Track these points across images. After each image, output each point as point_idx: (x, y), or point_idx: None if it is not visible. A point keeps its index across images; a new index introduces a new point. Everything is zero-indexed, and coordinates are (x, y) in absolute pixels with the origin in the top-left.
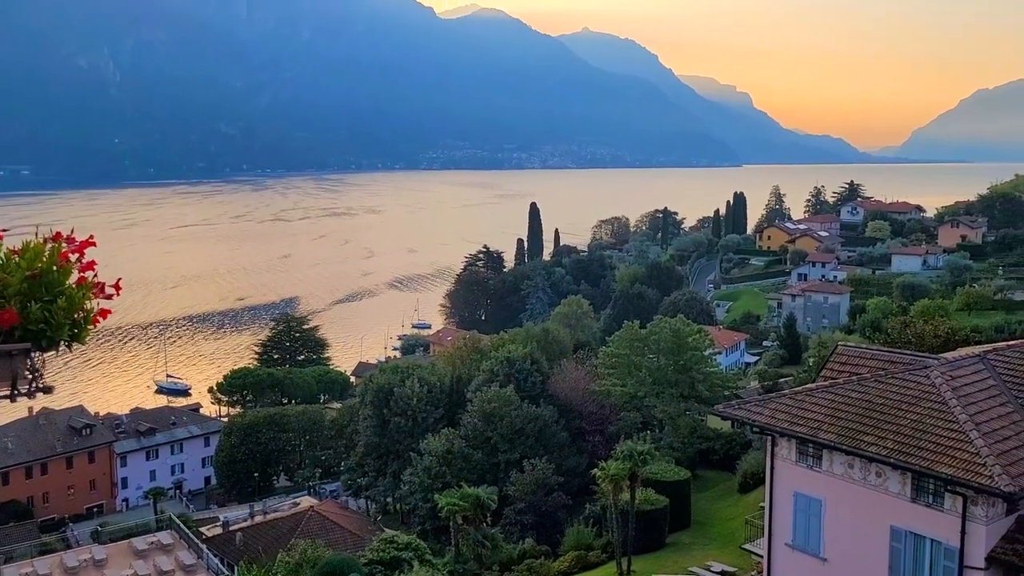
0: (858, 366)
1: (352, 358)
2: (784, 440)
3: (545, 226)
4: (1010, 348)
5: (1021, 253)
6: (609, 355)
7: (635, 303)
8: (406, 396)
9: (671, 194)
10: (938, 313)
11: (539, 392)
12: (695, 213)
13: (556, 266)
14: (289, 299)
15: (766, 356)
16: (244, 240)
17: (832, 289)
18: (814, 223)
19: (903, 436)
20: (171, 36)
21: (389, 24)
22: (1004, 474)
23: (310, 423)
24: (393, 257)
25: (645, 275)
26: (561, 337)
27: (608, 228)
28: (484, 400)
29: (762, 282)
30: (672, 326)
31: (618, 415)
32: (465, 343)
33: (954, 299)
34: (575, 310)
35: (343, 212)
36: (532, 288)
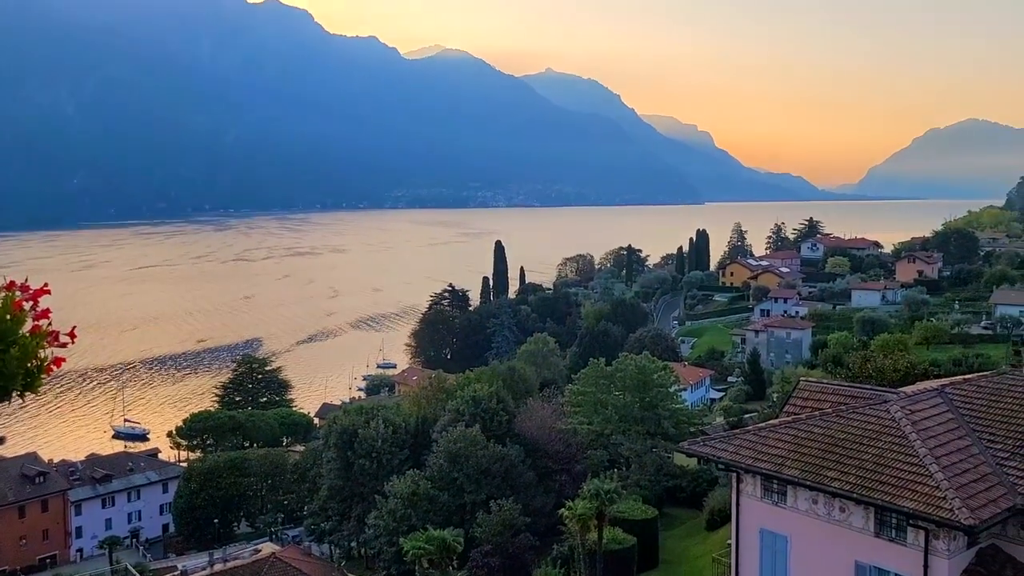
0: (820, 401)
1: (316, 399)
2: (749, 476)
3: (511, 264)
4: (967, 382)
5: (976, 288)
6: (575, 393)
7: (601, 340)
8: (370, 437)
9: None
10: (897, 347)
11: (505, 431)
12: (659, 250)
13: (522, 304)
14: (252, 340)
15: (731, 392)
16: (206, 281)
17: (794, 324)
18: (775, 259)
19: (865, 471)
20: (134, 75)
21: (355, 64)
22: (964, 507)
23: (272, 467)
24: (358, 296)
25: (610, 312)
26: (527, 375)
27: (573, 265)
28: (450, 440)
29: (726, 318)
30: (637, 363)
31: (585, 453)
32: (430, 383)
33: (913, 333)
34: (541, 348)
35: (307, 251)
36: (498, 326)
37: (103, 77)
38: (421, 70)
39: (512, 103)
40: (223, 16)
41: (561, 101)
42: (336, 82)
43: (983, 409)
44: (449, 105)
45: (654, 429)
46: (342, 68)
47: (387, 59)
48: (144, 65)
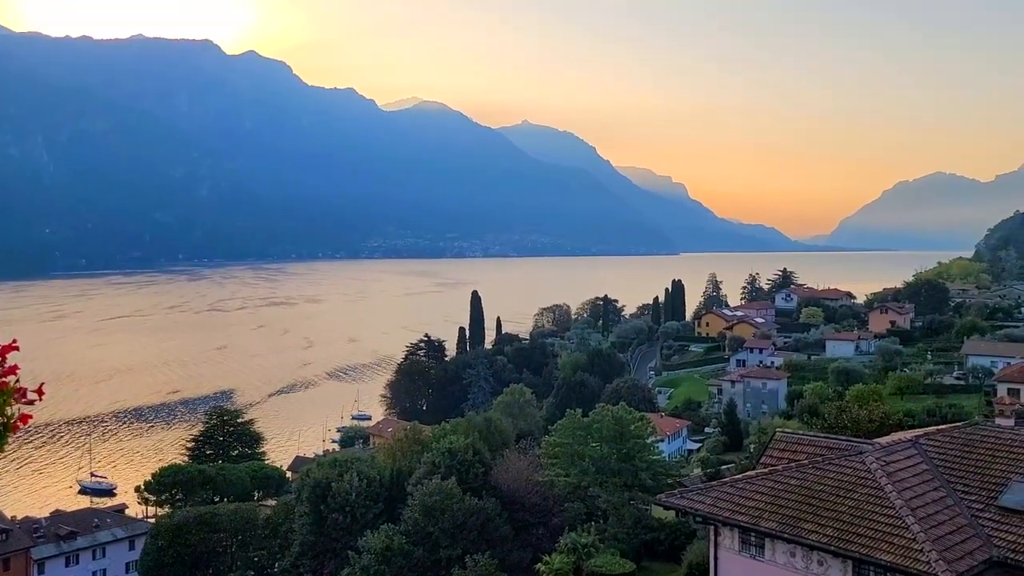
0: (796, 452)
1: (289, 452)
2: (727, 529)
3: (487, 314)
4: (940, 432)
5: (947, 338)
6: (552, 444)
7: (577, 391)
8: (344, 491)
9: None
10: (872, 398)
11: (482, 484)
12: (635, 300)
13: (498, 354)
14: (224, 392)
15: (708, 443)
16: (179, 331)
17: (770, 375)
18: (750, 309)
19: (842, 523)
20: (109, 126)
21: (332, 115)
22: (941, 560)
23: (243, 522)
24: (333, 347)
25: (587, 362)
26: (503, 427)
27: (550, 316)
28: (425, 493)
29: (702, 368)
30: (614, 414)
31: (562, 506)
32: (406, 434)
33: (887, 383)
34: (517, 399)
35: (282, 301)
36: (474, 377)
37: (77, 130)
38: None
39: (489, 154)
40: (201, 69)
41: (537, 153)
42: (313, 133)
43: (957, 460)
44: (426, 156)
45: (632, 481)
46: (319, 119)
47: (364, 110)
48: (119, 118)
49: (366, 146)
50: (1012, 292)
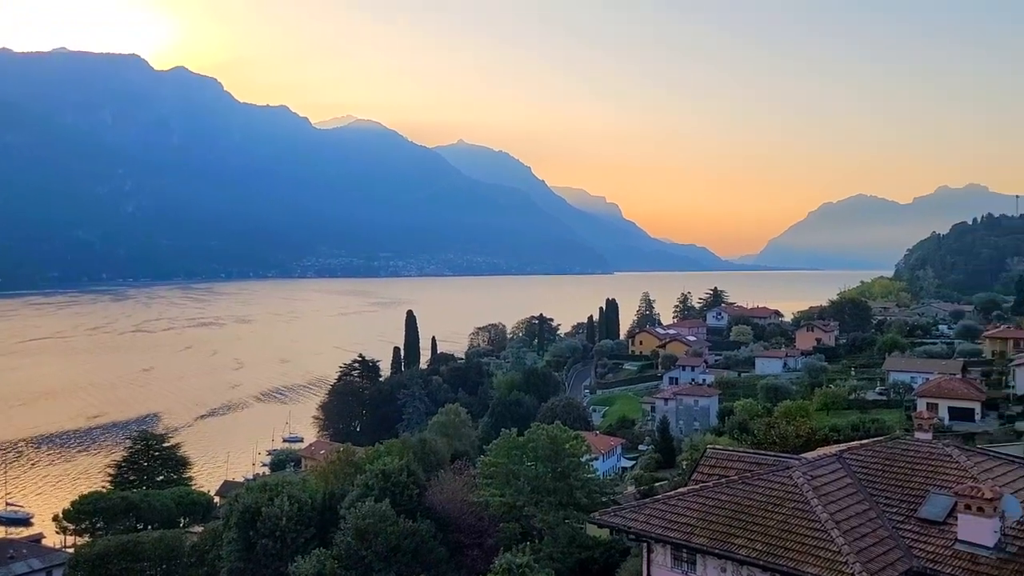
0: (727, 468)
1: (217, 477)
2: (659, 546)
3: (422, 334)
4: (863, 447)
5: (870, 355)
6: (487, 464)
7: (513, 410)
8: (274, 515)
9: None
10: (799, 414)
11: (416, 505)
12: (570, 319)
13: (433, 374)
14: (150, 415)
15: (642, 460)
16: (102, 353)
17: (702, 392)
18: (683, 328)
19: (771, 537)
20: (27, 141)
21: (264, 133)
22: (864, 571)
23: (168, 550)
24: (264, 368)
25: (522, 381)
26: (439, 447)
27: (485, 335)
28: (358, 516)
29: (636, 386)
30: (549, 433)
31: (497, 526)
32: (339, 456)
33: (813, 399)
34: (453, 419)
35: (211, 322)
36: (409, 397)
37: None
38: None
39: (424, 173)
40: (127, 84)
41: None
42: (245, 150)
43: (879, 473)
44: (360, 174)
45: (566, 500)
46: (251, 136)
47: (297, 128)
48: (39, 132)
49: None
50: (930, 310)
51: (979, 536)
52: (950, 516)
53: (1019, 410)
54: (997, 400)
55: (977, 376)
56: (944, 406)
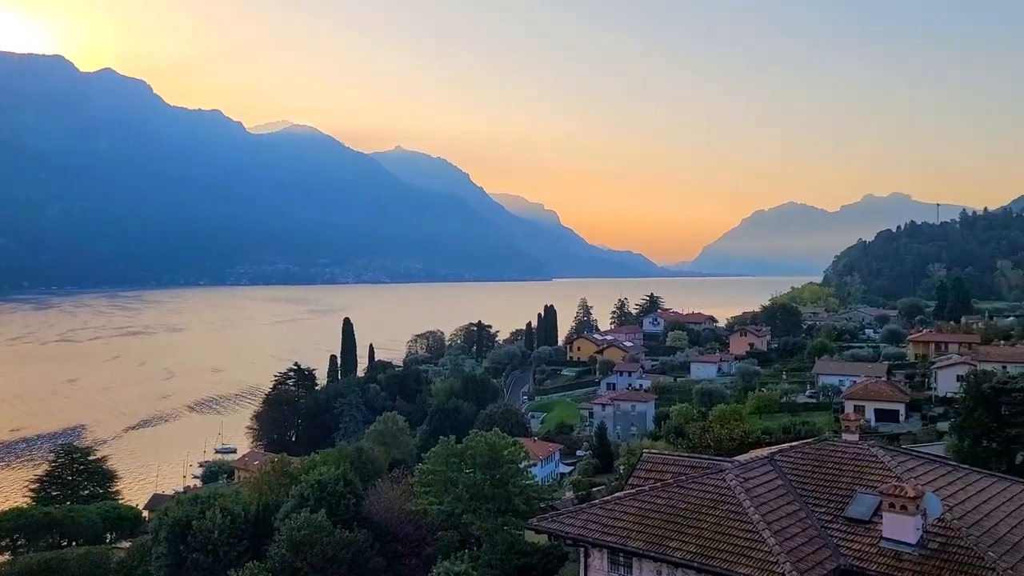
0: (662, 472)
1: (146, 490)
2: (596, 550)
3: (359, 341)
4: (793, 449)
5: (800, 359)
6: (425, 472)
7: (451, 417)
8: (206, 529)
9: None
10: (733, 417)
11: (353, 515)
12: (509, 326)
13: (371, 382)
14: (74, 428)
15: (580, 465)
16: (22, 364)
17: (639, 397)
18: (620, 334)
19: (705, 539)
20: None
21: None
22: (794, 571)
23: (93, 567)
24: (196, 378)
25: (461, 388)
26: (376, 456)
27: (423, 342)
28: (293, 528)
29: (574, 392)
30: (488, 440)
31: (435, 535)
32: (273, 467)
33: (746, 403)
34: (390, 427)
35: (140, 331)
36: (346, 406)
37: None
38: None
39: (361, 179)
40: (51, 86)
41: (410, 178)
42: (175, 155)
43: (808, 474)
44: (296, 180)
45: (505, 506)
46: (182, 141)
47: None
48: None
49: (233, 169)
50: (857, 315)
51: (902, 534)
52: (875, 515)
53: (940, 411)
54: (920, 401)
55: (901, 378)
56: (871, 408)
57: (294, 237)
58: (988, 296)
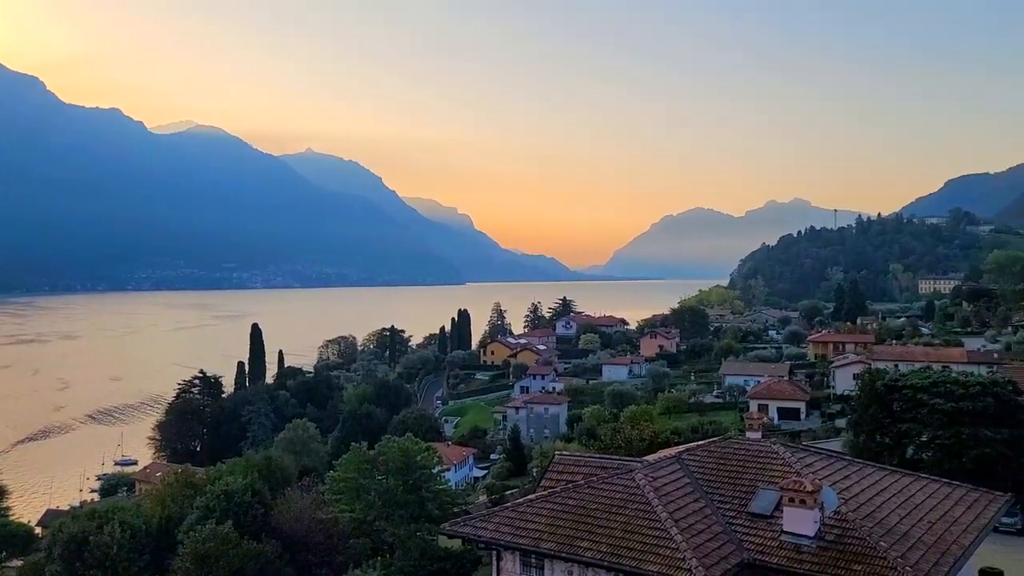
0: (574, 473)
1: (38, 506)
2: (508, 553)
3: (268, 348)
4: (700, 447)
5: (708, 360)
6: (336, 479)
7: (364, 423)
8: (104, 544)
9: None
10: (644, 418)
11: (261, 526)
12: (422, 330)
13: (280, 389)
14: None
15: (494, 469)
16: None
17: (552, 400)
18: (533, 337)
19: (615, 538)
20: None
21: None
22: (700, 566)
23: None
24: (93, 387)
25: (373, 394)
26: (285, 464)
27: (335, 348)
28: (197, 540)
29: (488, 396)
30: (400, 445)
31: (347, 543)
32: (177, 478)
33: (656, 404)
34: (301, 434)
35: (32, 339)
36: (254, 414)
37: None
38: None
39: (270, 182)
40: None
41: (322, 181)
42: (72, 155)
43: (713, 472)
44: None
45: (418, 512)
46: (79, 140)
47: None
48: None
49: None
50: (761, 317)
51: (801, 527)
52: (777, 509)
53: (838, 408)
54: (820, 399)
55: (802, 378)
56: (774, 407)
57: (199, 240)
58: (881, 298)
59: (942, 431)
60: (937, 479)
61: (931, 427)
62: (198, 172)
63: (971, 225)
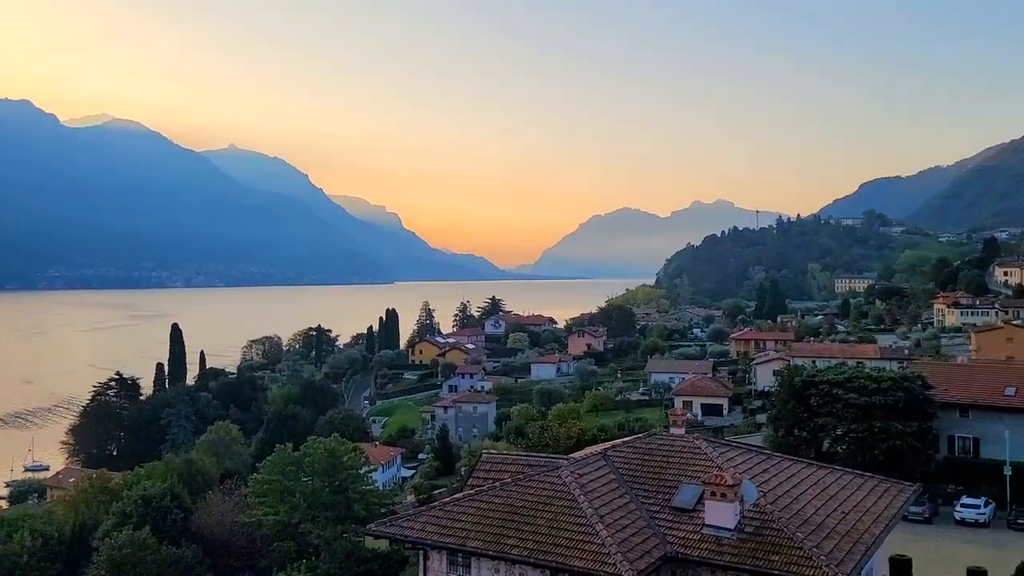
0: (501, 471)
1: None
2: (435, 552)
3: (190, 348)
4: (625, 444)
5: (634, 358)
6: (260, 482)
7: (289, 424)
8: (13, 553)
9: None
10: (571, 416)
11: (181, 531)
12: (349, 330)
13: (202, 391)
14: None
15: (422, 469)
16: None
17: (480, 399)
18: (462, 336)
19: (541, 535)
20: None
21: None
22: (625, 560)
23: None
24: (1, 390)
25: (299, 395)
26: (207, 467)
27: (260, 348)
28: (113, 547)
29: (416, 395)
30: (326, 446)
31: (271, 546)
32: (91, 483)
33: (584, 402)
34: (223, 436)
35: None
36: (174, 416)
37: None
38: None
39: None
40: None
41: (245, 179)
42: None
43: (638, 468)
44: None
45: (345, 514)
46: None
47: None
48: None
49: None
50: (686, 315)
51: (722, 520)
52: (699, 503)
53: (759, 404)
54: (742, 396)
55: (725, 375)
56: (698, 403)
57: (116, 238)
58: (801, 296)
59: (856, 424)
60: (851, 471)
61: (846, 421)
62: (115, 168)
63: (884, 226)
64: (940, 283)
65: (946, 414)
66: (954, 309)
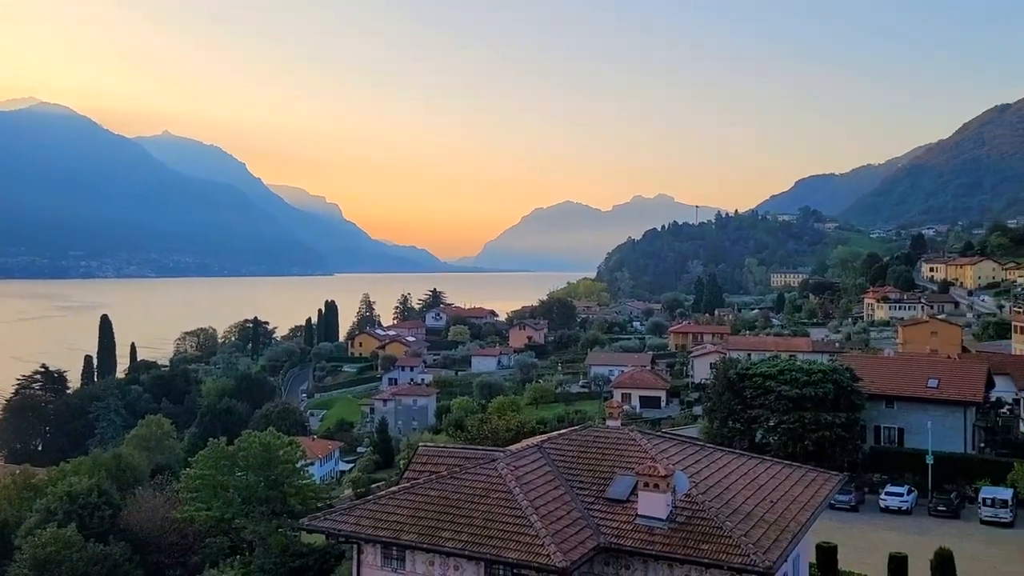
0: (438, 464)
1: None
2: (369, 546)
3: (120, 340)
4: (561, 436)
5: (575, 351)
6: (192, 477)
7: (223, 418)
8: None
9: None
10: (511, 408)
11: (109, 527)
12: (288, 322)
13: (132, 384)
14: None
15: (360, 462)
16: None
17: (420, 392)
18: (402, 329)
19: (476, 528)
20: None
21: None
22: (559, 551)
23: None
24: None
25: (235, 388)
26: (137, 462)
27: (194, 340)
28: (37, 545)
29: (355, 388)
30: (262, 440)
31: (203, 542)
32: (14, 479)
33: (524, 395)
34: (154, 431)
35: None
36: (103, 410)
37: None
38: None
39: (123, 165)
40: None
41: (180, 166)
42: None
43: (574, 460)
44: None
45: (280, 508)
46: None
47: None
48: None
49: None
50: (626, 308)
51: (655, 510)
52: (632, 494)
53: (696, 396)
54: (679, 388)
55: (664, 367)
56: (636, 395)
57: (42, 227)
58: (738, 291)
59: (787, 416)
60: (781, 461)
61: (778, 412)
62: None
63: (818, 223)
64: (870, 278)
65: (873, 405)
66: (883, 304)
